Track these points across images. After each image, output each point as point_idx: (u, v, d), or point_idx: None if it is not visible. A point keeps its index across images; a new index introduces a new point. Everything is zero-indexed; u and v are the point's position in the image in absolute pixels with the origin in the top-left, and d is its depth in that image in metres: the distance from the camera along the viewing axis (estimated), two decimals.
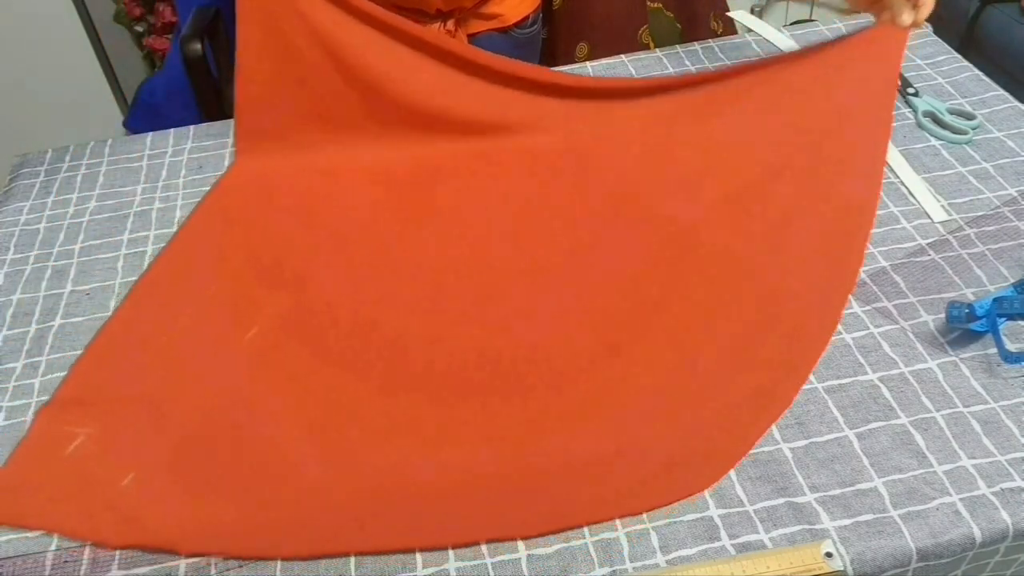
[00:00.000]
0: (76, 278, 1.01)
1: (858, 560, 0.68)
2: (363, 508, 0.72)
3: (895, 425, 0.77)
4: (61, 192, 1.14)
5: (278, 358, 0.83)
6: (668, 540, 0.70)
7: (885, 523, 0.70)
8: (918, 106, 1.12)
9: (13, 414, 0.86)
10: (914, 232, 0.96)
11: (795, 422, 0.78)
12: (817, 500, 0.72)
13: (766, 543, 0.70)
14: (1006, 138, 1.08)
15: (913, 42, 1.25)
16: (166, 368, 0.83)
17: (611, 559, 0.70)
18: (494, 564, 0.70)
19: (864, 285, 0.90)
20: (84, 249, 1.05)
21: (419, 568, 0.71)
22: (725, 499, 0.73)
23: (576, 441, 0.75)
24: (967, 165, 1.04)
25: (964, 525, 0.69)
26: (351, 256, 0.91)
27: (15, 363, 0.91)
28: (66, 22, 2.13)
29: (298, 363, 0.82)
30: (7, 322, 0.96)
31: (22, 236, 1.08)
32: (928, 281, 0.90)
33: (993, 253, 0.92)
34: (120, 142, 1.23)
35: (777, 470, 0.75)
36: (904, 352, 0.83)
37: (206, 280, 0.90)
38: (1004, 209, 0.97)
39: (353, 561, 0.72)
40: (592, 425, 0.76)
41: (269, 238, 0.94)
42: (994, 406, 0.78)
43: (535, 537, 0.70)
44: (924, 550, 0.68)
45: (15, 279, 1.01)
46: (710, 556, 0.69)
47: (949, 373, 0.81)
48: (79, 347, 0.92)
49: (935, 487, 0.72)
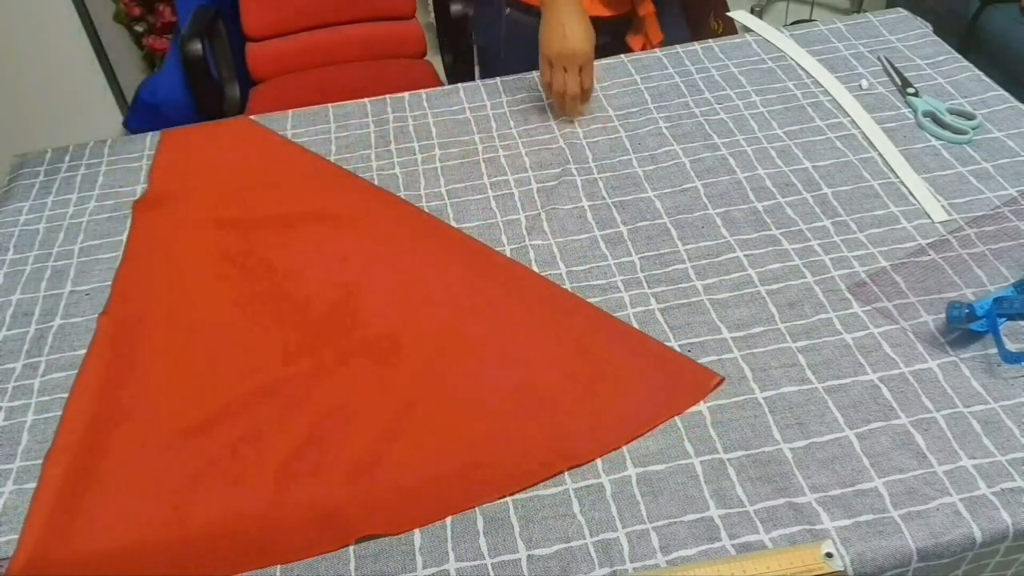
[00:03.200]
0: (76, 278, 1.01)
1: (858, 560, 0.68)
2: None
3: (895, 425, 0.77)
4: (61, 192, 1.14)
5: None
6: (668, 540, 0.70)
7: (885, 523, 0.70)
8: (918, 106, 1.12)
9: (13, 414, 0.86)
10: (914, 232, 0.96)
11: (795, 422, 0.78)
12: (817, 500, 0.72)
13: (766, 543, 0.70)
14: (1006, 138, 1.07)
15: (913, 42, 1.25)
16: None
17: (611, 559, 0.69)
18: (494, 564, 0.70)
19: (864, 285, 0.90)
20: (84, 249, 1.05)
21: (419, 568, 0.71)
22: (725, 499, 0.73)
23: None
24: (967, 165, 1.04)
25: (964, 525, 0.69)
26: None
27: (15, 363, 0.91)
28: (66, 22, 2.14)
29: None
30: (7, 322, 0.96)
31: (22, 236, 1.07)
32: (928, 281, 0.90)
33: (993, 253, 0.92)
34: (120, 142, 1.22)
35: (777, 470, 0.75)
36: (904, 352, 0.83)
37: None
38: (1004, 209, 0.97)
39: (353, 562, 0.72)
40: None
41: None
42: (994, 406, 0.78)
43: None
44: (924, 550, 0.68)
45: (15, 279, 1.01)
46: (710, 556, 0.69)
47: (949, 373, 0.81)
48: (79, 347, 0.92)
49: (935, 487, 0.72)
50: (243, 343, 0.92)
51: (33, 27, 2.09)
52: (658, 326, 0.89)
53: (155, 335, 0.94)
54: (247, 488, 0.78)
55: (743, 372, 0.83)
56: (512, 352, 0.88)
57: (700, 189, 1.05)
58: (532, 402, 0.83)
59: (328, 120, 1.23)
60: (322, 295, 0.97)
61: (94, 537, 0.76)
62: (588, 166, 1.10)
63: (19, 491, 0.79)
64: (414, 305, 0.95)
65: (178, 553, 0.74)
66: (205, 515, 0.77)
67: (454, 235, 1.03)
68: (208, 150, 1.19)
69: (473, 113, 1.21)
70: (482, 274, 0.97)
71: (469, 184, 1.09)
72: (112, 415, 0.85)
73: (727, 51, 1.28)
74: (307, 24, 1.96)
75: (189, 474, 0.80)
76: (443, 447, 0.80)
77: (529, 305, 0.93)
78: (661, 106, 1.18)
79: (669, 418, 0.80)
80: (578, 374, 0.85)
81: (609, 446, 0.78)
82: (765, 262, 0.94)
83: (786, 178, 1.05)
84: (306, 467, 0.80)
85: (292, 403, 0.85)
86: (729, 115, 1.16)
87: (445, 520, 0.74)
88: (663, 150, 1.11)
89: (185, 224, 1.07)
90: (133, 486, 0.79)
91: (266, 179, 1.13)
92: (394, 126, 1.20)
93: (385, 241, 1.03)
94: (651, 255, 0.97)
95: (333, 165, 1.15)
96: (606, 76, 1.25)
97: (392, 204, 1.08)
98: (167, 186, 1.14)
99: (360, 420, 0.83)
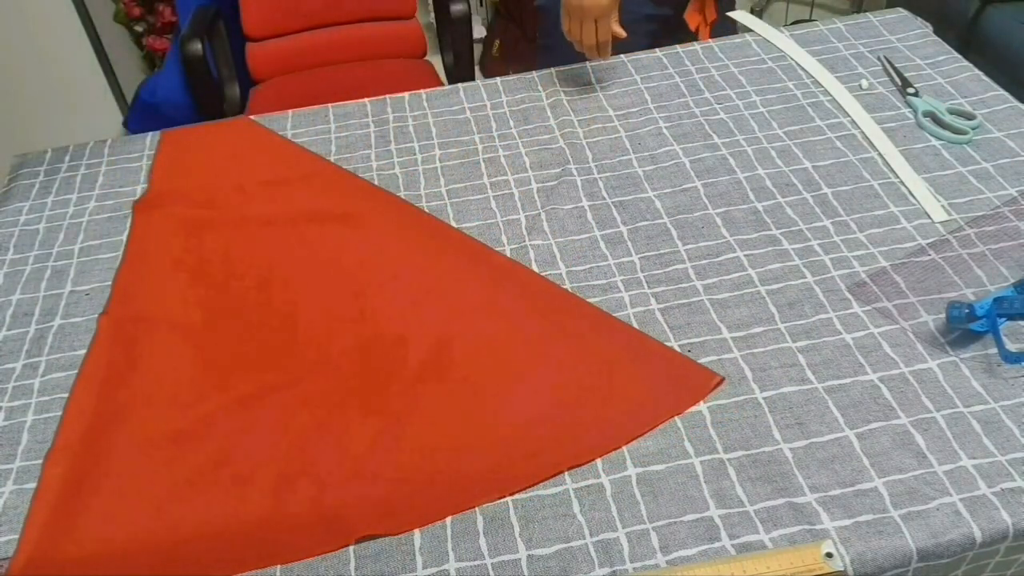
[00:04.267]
0: (76, 278, 1.01)
1: (858, 560, 0.68)
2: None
3: (895, 425, 0.77)
4: (61, 192, 1.14)
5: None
6: (668, 540, 0.70)
7: (885, 523, 0.70)
8: (918, 106, 1.12)
9: (13, 414, 0.86)
10: (914, 232, 0.96)
11: (795, 422, 0.78)
12: (817, 500, 0.72)
13: (766, 543, 0.70)
14: (1006, 138, 1.07)
15: (913, 42, 1.25)
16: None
17: (611, 559, 0.70)
18: (494, 564, 0.70)
19: (864, 285, 0.90)
20: (84, 249, 1.05)
21: (419, 568, 0.71)
22: (725, 499, 0.73)
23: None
24: (967, 165, 1.04)
25: (964, 525, 0.69)
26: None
27: (15, 363, 0.91)
28: (66, 22, 2.13)
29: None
30: (7, 322, 0.96)
31: (22, 236, 1.07)
32: (928, 281, 0.90)
33: (993, 253, 0.92)
34: (120, 142, 1.23)
35: (777, 470, 0.75)
36: (904, 352, 0.83)
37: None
38: (1004, 209, 0.97)
39: (353, 562, 0.72)
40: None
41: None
42: (994, 406, 0.78)
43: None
44: (924, 550, 0.68)
45: (15, 279, 1.01)
46: (710, 556, 0.69)
47: (949, 373, 0.81)
48: (79, 347, 0.92)
49: (935, 487, 0.72)
50: (243, 342, 0.92)
51: (33, 27, 2.09)
52: (658, 326, 0.89)
53: (155, 335, 0.94)
54: (248, 488, 0.78)
55: (743, 372, 0.83)
56: (512, 352, 0.88)
57: (700, 189, 1.05)
58: (532, 402, 0.83)
59: (328, 120, 1.23)
60: (323, 294, 0.97)
61: (94, 537, 0.76)
62: (588, 166, 1.10)
63: (19, 491, 0.79)
64: (415, 304, 0.95)
65: (178, 553, 0.74)
66: (205, 515, 0.77)
67: (454, 235, 1.03)
68: (208, 150, 1.19)
69: (473, 113, 1.21)
70: (482, 274, 0.97)
71: (469, 184, 1.09)
72: (112, 415, 0.85)
73: (727, 51, 1.28)
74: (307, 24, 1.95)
75: (189, 474, 0.80)
76: (443, 447, 0.80)
77: (529, 305, 0.93)
78: (661, 106, 1.18)
79: (669, 418, 0.80)
80: (578, 374, 0.85)
81: (609, 446, 0.78)
82: (765, 262, 0.94)
83: (786, 178, 1.05)
84: (307, 467, 0.80)
85: (293, 402, 0.85)
86: (729, 115, 1.16)
87: (445, 520, 0.74)
88: (663, 150, 1.11)
89: (185, 224, 1.07)
90: (133, 486, 0.79)
91: (266, 179, 1.13)
92: (394, 126, 1.20)
93: (386, 240, 1.03)
94: (651, 255, 0.97)
95: (333, 165, 1.15)
96: (606, 76, 1.25)
97: (393, 204, 1.08)
98: (167, 186, 1.14)
99: (360, 420, 0.83)
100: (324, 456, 0.80)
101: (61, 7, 2.11)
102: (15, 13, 2.06)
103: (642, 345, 0.87)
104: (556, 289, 0.94)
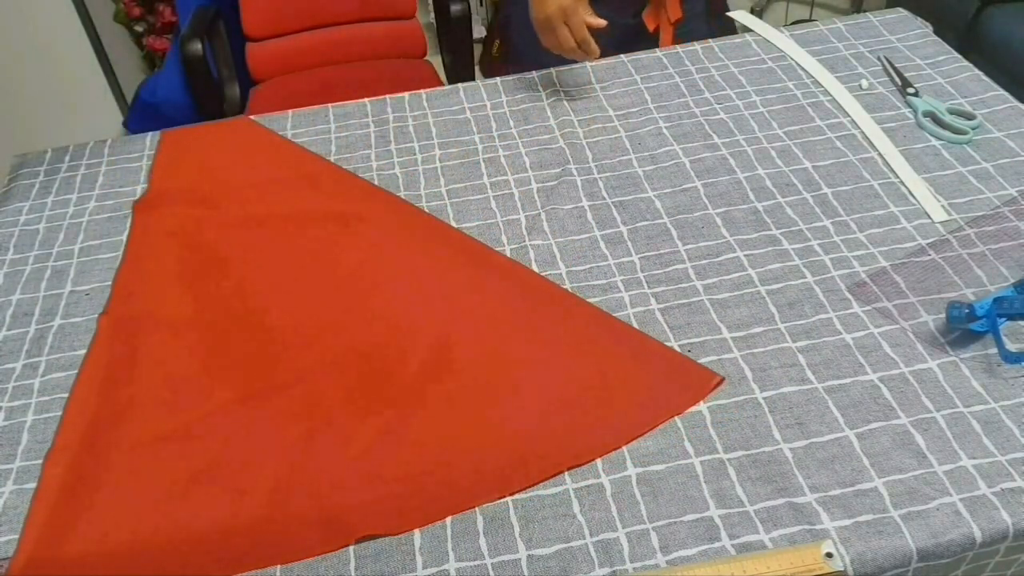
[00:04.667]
0: (76, 278, 1.01)
1: (858, 560, 0.68)
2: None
3: (895, 425, 0.77)
4: (61, 192, 1.14)
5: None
6: (668, 540, 0.70)
7: (885, 523, 0.70)
8: (918, 106, 1.12)
9: (13, 414, 0.86)
10: (914, 232, 0.96)
11: (795, 422, 0.78)
12: (817, 500, 0.72)
13: (766, 543, 0.70)
14: (1006, 138, 1.07)
15: (913, 42, 1.25)
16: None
17: (611, 559, 0.70)
18: (494, 564, 0.70)
19: (864, 285, 0.90)
20: (83, 249, 1.05)
21: (419, 568, 0.71)
22: (725, 499, 0.73)
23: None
24: (967, 165, 1.04)
25: (964, 525, 0.69)
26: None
27: (15, 363, 0.91)
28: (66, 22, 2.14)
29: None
30: (7, 322, 0.96)
31: (22, 236, 1.07)
32: (928, 281, 0.90)
33: (993, 253, 0.92)
34: (120, 142, 1.23)
35: (777, 470, 0.75)
36: (904, 352, 0.83)
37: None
38: (1004, 209, 0.97)
39: (353, 562, 0.72)
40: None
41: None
42: (994, 406, 0.78)
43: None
44: (924, 550, 0.68)
45: (15, 279, 1.01)
46: (710, 556, 0.69)
47: (949, 373, 0.81)
48: (79, 347, 0.92)
49: (935, 487, 0.72)
50: (244, 341, 0.92)
51: (33, 27, 2.09)
52: (658, 326, 0.89)
53: (155, 335, 0.94)
54: (248, 488, 0.78)
55: (743, 372, 0.83)
56: (512, 352, 0.88)
57: (700, 189, 1.05)
58: (532, 402, 0.83)
59: (328, 120, 1.23)
60: (324, 293, 0.97)
61: (94, 537, 0.76)
62: (588, 166, 1.10)
63: (19, 491, 0.79)
64: (416, 304, 0.95)
65: (178, 553, 0.74)
66: (205, 515, 0.77)
67: (454, 235, 1.03)
68: (208, 150, 1.19)
69: (473, 113, 1.21)
70: (482, 274, 0.97)
71: (469, 184, 1.09)
72: (112, 415, 0.85)
73: (727, 51, 1.28)
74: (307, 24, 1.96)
75: (189, 474, 0.80)
76: (443, 447, 0.80)
77: (529, 305, 0.93)
78: (661, 106, 1.18)
79: (669, 418, 0.80)
80: (578, 374, 0.85)
81: (609, 446, 0.78)
82: (765, 262, 0.94)
83: (786, 178, 1.05)
84: (307, 467, 0.80)
85: (293, 402, 0.86)
86: (729, 115, 1.16)
87: (445, 520, 0.74)
88: (663, 150, 1.11)
89: (185, 224, 1.07)
90: (133, 486, 0.79)
91: (266, 179, 1.13)
92: (394, 126, 1.20)
93: (386, 241, 1.03)
94: (651, 255, 0.97)
95: (333, 165, 1.15)
96: (606, 76, 1.25)
97: (393, 204, 1.08)
98: (167, 186, 1.14)
99: (361, 419, 0.83)
100: (324, 456, 0.80)
101: (61, 7, 2.11)
102: (15, 13, 2.06)
103: (642, 345, 0.87)
104: (556, 289, 0.94)
